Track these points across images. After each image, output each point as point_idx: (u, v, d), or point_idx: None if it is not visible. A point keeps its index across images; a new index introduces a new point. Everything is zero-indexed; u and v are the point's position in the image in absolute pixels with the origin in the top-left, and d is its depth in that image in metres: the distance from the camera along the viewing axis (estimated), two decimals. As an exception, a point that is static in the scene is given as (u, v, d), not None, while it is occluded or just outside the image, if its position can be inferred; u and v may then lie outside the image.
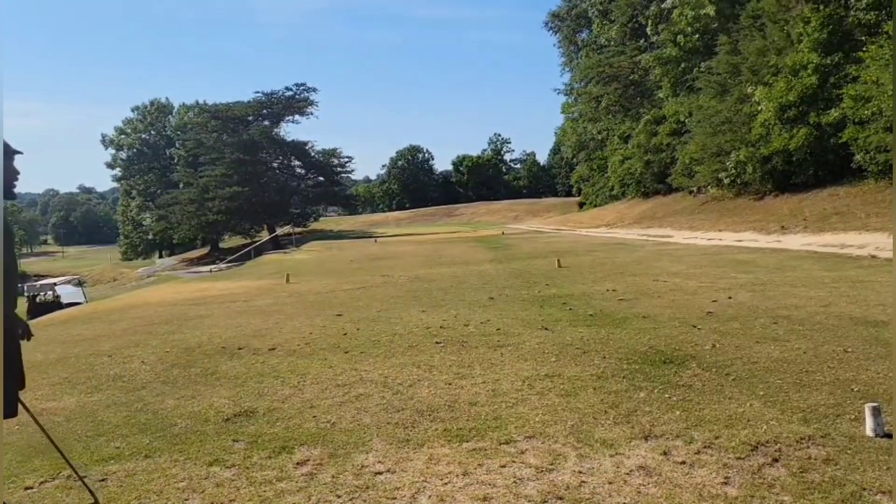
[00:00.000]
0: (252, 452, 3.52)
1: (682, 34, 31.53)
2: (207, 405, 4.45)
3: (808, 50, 20.90)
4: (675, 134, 32.65)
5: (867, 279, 8.80)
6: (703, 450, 3.24)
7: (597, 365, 4.93)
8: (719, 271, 10.69)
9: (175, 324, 8.41)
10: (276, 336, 6.96)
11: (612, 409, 3.91)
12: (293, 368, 5.39)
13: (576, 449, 3.34)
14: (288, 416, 4.13)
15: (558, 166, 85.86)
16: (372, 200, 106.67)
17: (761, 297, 7.72)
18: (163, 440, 3.79)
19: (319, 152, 59.97)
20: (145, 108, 71.27)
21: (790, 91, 21.06)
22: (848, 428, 3.41)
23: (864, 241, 13.94)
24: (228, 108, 57.03)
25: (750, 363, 4.76)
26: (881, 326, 5.74)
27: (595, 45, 46.76)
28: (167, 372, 5.55)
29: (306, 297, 10.72)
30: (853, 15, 20.33)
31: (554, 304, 8.09)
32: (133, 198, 71.50)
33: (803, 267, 10.80)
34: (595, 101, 44.52)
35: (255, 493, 3.01)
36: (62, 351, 6.89)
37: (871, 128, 17.50)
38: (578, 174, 55.96)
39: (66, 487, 3.20)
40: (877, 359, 4.68)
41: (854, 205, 17.76)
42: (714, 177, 26.18)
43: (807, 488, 2.78)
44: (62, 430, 4.09)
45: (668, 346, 5.39)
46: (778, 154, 21.76)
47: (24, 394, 5.03)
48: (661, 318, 6.69)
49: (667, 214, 29.53)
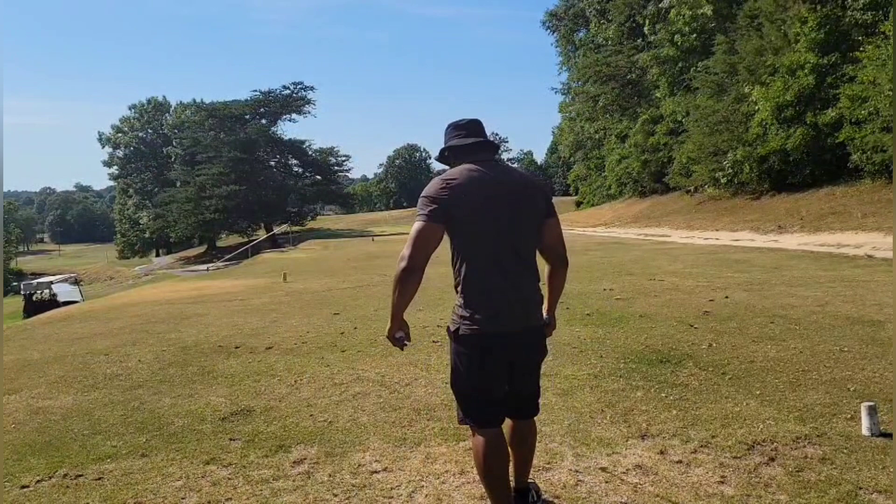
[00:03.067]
0: (249, 451, 3.52)
1: (679, 34, 31.55)
2: (204, 404, 4.44)
3: (805, 50, 20.94)
4: (673, 133, 32.69)
5: (864, 279, 8.83)
6: (700, 449, 3.24)
7: (593, 364, 4.93)
8: (716, 270, 10.71)
9: (172, 322, 8.40)
10: (273, 335, 6.96)
11: (608, 408, 3.92)
12: (290, 367, 5.39)
13: (572, 448, 3.34)
14: (285, 414, 4.13)
15: (555, 165, 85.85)
16: (369, 199, 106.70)
17: (758, 296, 7.73)
18: (159, 439, 3.79)
19: (317, 151, 59.91)
20: (142, 106, 71.13)
21: (787, 91, 21.10)
22: (844, 427, 3.42)
23: (860, 240, 13.98)
24: (226, 106, 56.93)
25: (746, 362, 4.77)
26: (877, 326, 5.75)
27: (592, 45, 46.74)
28: (164, 371, 5.54)
29: (303, 295, 10.71)
30: (850, 15, 20.38)
31: (551, 303, 8.09)
32: (130, 196, 71.40)
33: (800, 266, 10.82)
34: (592, 101, 44.53)
35: (251, 492, 3.01)
36: (58, 349, 6.87)
37: (867, 128, 17.55)
38: (575, 173, 55.96)
39: (62, 486, 3.20)
40: (873, 358, 4.69)
41: (850, 204, 17.81)
42: (711, 176, 26.23)
43: (803, 487, 2.78)
44: (59, 428, 4.09)
45: (665, 346, 5.40)
46: (775, 154, 21.81)
47: (21, 393, 5.03)
48: (658, 317, 6.70)
49: (664, 214, 29.57)
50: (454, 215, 2.38)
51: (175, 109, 70.77)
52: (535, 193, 2.53)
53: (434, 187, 2.42)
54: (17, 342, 7.53)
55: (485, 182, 2.42)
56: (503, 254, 2.42)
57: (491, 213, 2.40)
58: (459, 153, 2.56)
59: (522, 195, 2.48)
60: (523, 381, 2.59)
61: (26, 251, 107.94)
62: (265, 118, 57.92)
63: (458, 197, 2.37)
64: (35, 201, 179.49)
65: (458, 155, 2.56)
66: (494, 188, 2.42)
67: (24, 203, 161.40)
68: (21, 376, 5.63)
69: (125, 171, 71.37)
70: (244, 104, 56.78)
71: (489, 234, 2.41)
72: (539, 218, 2.54)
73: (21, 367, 6.06)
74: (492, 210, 2.40)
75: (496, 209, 2.40)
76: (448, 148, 2.61)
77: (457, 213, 2.38)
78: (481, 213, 2.39)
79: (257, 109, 57.21)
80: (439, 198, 2.38)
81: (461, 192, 2.38)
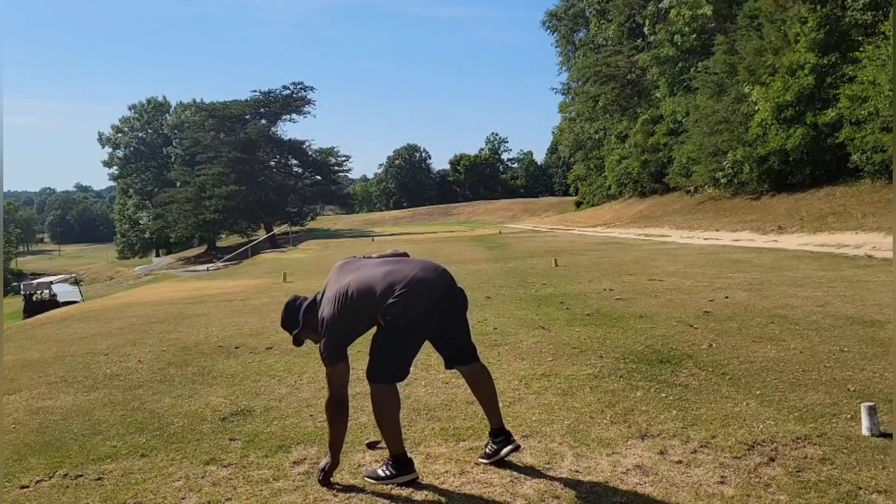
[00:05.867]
0: (249, 451, 3.52)
1: (679, 34, 31.56)
2: (204, 404, 4.44)
3: (805, 50, 20.94)
4: (672, 134, 32.71)
5: (863, 279, 8.83)
6: (700, 449, 3.24)
7: (593, 364, 4.93)
8: (716, 271, 10.71)
9: (172, 322, 8.39)
10: (273, 335, 6.94)
11: (608, 408, 3.91)
12: (290, 367, 5.38)
13: (572, 448, 3.34)
14: (285, 415, 4.13)
15: (555, 166, 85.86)
16: (369, 199, 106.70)
17: (758, 296, 7.73)
18: (159, 439, 3.79)
19: (317, 151, 59.94)
20: (142, 106, 71.12)
21: (787, 91, 21.10)
22: (844, 427, 3.41)
23: (860, 240, 13.98)
24: (226, 106, 56.98)
25: (746, 363, 4.76)
26: (877, 326, 5.75)
27: (592, 45, 46.80)
28: (164, 371, 5.54)
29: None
30: (850, 15, 20.38)
31: (551, 303, 8.10)
32: (130, 196, 71.39)
33: (800, 267, 10.82)
34: (592, 101, 44.55)
35: (251, 492, 3.01)
36: (58, 349, 6.87)
37: (867, 128, 17.55)
38: (575, 174, 55.99)
39: (62, 486, 3.19)
40: (873, 358, 4.69)
41: (850, 205, 17.82)
42: (711, 176, 26.24)
43: (803, 487, 2.78)
44: (58, 428, 4.08)
45: (665, 346, 5.40)
46: (775, 154, 21.81)
47: (21, 393, 5.03)
48: (658, 317, 6.70)
49: (664, 214, 29.58)
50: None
51: (175, 109, 70.80)
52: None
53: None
54: (16, 342, 7.52)
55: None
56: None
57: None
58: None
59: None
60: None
61: (26, 251, 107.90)
62: (265, 118, 57.97)
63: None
64: (35, 201, 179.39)
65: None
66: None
67: (24, 203, 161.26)
68: (21, 376, 5.63)
69: (125, 171, 71.34)
70: (244, 104, 56.83)
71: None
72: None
73: (21, 367, 6.06)
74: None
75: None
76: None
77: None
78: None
79: (257, 109, 57.26)
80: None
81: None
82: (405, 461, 3.06)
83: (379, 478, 3.04)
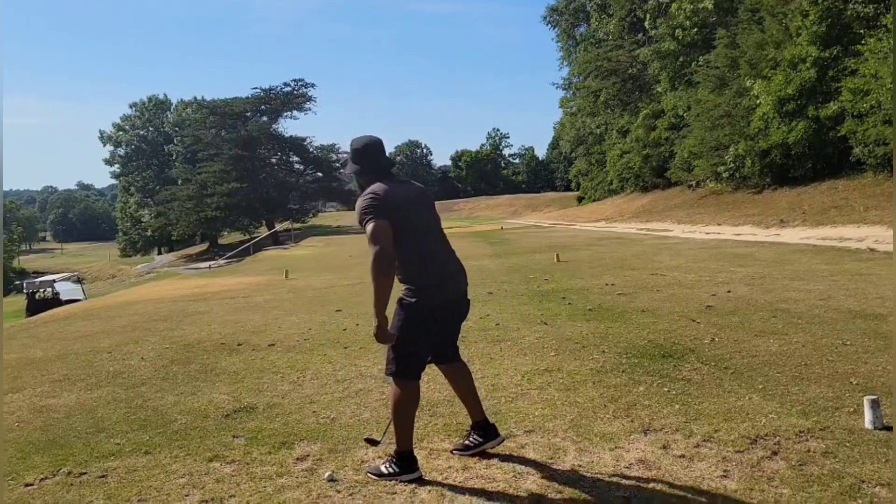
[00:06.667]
0: (252, 448, 3.52)
1: (680, 28, 31.43)
2: (207, 401, 4.45)
3: (807, 43, 20.84)
4: (674, 128, 32.60)
5: (866, 272, 8.81)
6: (703, 443, 3.24)
7: (596, 359, 4.93)
8: (718, 265, 10.70)
9: (174, 320, 8.41)
10: (276, 332, 6.97)
11: (611, 403, 3.92)
12: (293, 364, 5.39)
13: (575, 443, 3.34)
14: (288, 411, 4.14)
15: (557, 161, 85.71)
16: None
17: (760, 290, 7.72)
18: (163, 436, 3.80)
19: (318, 148, 59.81)
20: (143, 104, 71.10)
21: (789, 84, 21.01)
22: (847, 421, 3.41)
23: (862, 234, 13.95)
24: (227, 103, 56.87)
25: (749, 357, 4.76)
26: (880, 319, 5.75)
27: (593, 40, 46.63)
28: (167, 368, 5.55)
29: (305, 292, 10.73)
30: (851, 8, 20.27)
31: (553, 298, 8.09)
32: (131, 194, 71.42)
33: (802, 260, 10.81)
34: (593, 96, 44.40)
35: (255, 489, 3.02)
36: (61, 347, 6.88)
37: (869, 121, 17.49)
38: (577, 169, 55.87)
39: (66, 484, 3.20)
40: (875, 352, 4.69)
41: (853, 198, 17.76)
42: (713, 171, 26.16)
43: (806, 481, 2.78)
44: (62, 426, 4.10)
45: (668, 340, 5.40)
46: (776, 148, 21.73)
47: (24, 391, 5.04)
48: (661, 312, 6.70)
49: (665, 209, 29.53)
50: (394, 217, 2.93)
51: (176, 107, 70.76)
52: (431, 197, 3.31)
53: (373, 197, 2.96)
54: (19, 340, 7.54)
55: (404, 193, 3.10)
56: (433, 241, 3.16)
57: (415, 214, 3.07)
58: (378, 171, 3.12)
59: (428, 200, 3.24)
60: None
61: (28, 250, 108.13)
62: (266, 115, 57.87)
63: (393, 202, 2.97)
64: (37, 200, 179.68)
65: (374, 170, 3.11)
66: (412, 196, 3.13)
67: (26, 202, 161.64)
68: (24, 375, 5.64)
69: (127, 169, 71.36)
70: (245, 101, 56.72)
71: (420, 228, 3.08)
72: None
73: (24, 365, 6.08)
74: (415, 212, 3.07)
75: (418, 211, 3.10)
76: (374, 161, 3.14)
77: (395, 215, 2.94)
78: (410, 214, 3.04)
79: (258, 107, 57.15)
80: (380, 204, 2.93)
81: (394, 199, 2.99)
82: (410, 459, 3.07)
83: (382, 475, 3.05)
